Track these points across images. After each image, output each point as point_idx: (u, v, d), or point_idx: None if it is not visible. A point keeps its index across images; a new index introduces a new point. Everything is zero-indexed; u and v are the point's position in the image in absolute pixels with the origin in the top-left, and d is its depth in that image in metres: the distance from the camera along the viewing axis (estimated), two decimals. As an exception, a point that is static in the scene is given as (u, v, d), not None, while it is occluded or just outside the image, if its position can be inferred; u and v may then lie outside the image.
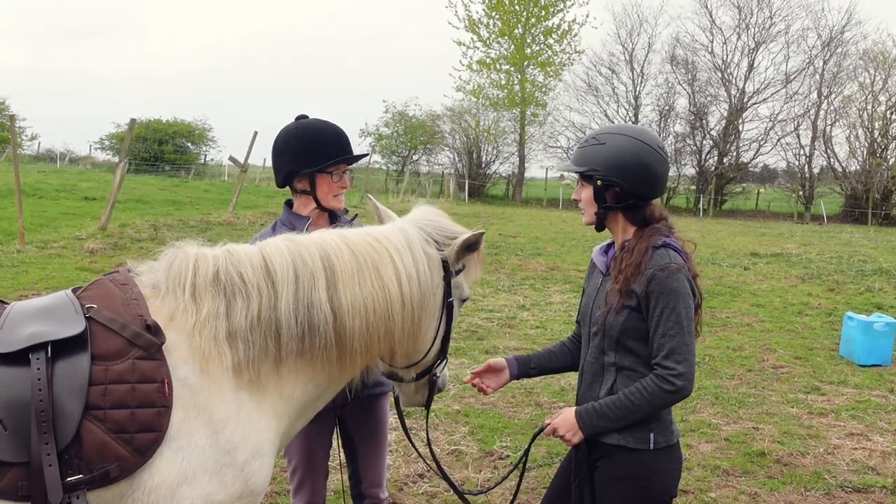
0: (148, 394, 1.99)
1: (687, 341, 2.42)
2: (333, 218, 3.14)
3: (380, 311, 2.30)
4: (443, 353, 2.62)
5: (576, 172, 2.59)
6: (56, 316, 2.06)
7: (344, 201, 3.17)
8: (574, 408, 2.56)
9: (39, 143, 44.45)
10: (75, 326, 2.03)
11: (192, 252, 2.26)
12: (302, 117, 3.14)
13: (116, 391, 1.97)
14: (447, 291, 2.50)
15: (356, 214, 3.27)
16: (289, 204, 3.19)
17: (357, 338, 2.28)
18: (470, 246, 2.49)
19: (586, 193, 2.58)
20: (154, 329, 2.06)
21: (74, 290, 2.22)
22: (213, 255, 2.27)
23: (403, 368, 2.58)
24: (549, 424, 2.60)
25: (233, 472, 2.07)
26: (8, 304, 2.19)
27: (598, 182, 2.52)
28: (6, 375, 1.94)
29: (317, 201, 3.08)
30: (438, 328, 2.52)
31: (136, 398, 1.98)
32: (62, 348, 1.99)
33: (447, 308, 2.51)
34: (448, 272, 2.49)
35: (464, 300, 2.63)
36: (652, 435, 2.50)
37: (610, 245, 2.69)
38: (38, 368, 1.94)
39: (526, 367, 2.86)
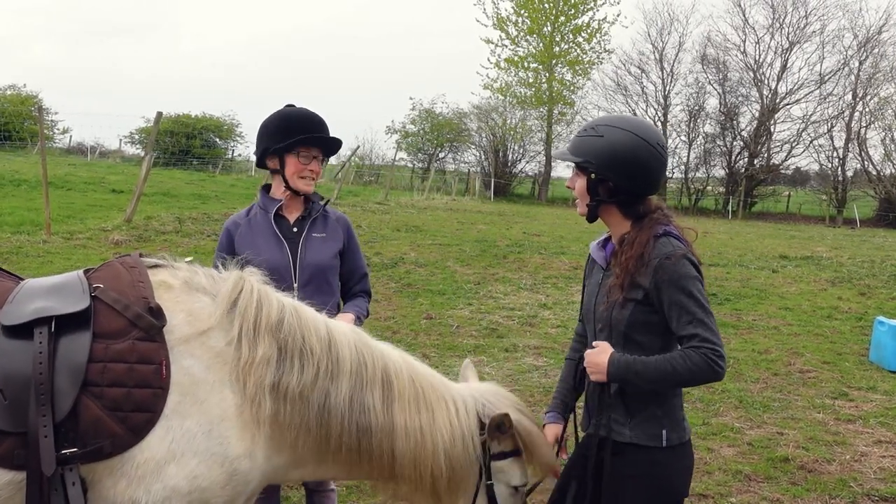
0: (145, 375, 2.02)
1: (714, 321, 2.32)
2: (307, 202, 3.33)
3: (429, 447, 2.28)
4: None
5: (571, 161, 2.52)
6: (64, 293, 2.12)
7: (314, 186, 3.33)
8: (612, 351, 2.40)
9: (71, 136, 45.15)
10: (80, 303, 2.08)
11: (256, 286, 2.27)
12: (289, 106, 3.35)
13: (115, 369, 2.01)
14: (486, 472, 2.43)
15: (328, 200, 3.45)
16: (266, 188, 3.42)
17: (406, 464, 2.27)
18: (499, 426, 2.40)
19: (580, 184, 2.51)
20: (156, 312, 2.09)
21: (86, 271, 2.27)
22: (277, 300, 2.29)
23: None
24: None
25: (221, 461, 2.07)
26: (23, 280, 2.26)
27: (592, 175, 2.46)
28: (10, 347, 1.99)
29: (285, 181, 3.25)
30: None
31: (134, 378, 2.01)
32: (65, 324, 2.04)
33: (488, 492, 2.43)
34: (485, 452, 2.42)
35: (515, 487, 2.48)
36: (664, 432, 2.43)
37: (607, 239, 2.62)
38: (41, 342, 1.99)
39: (567, 408, 2.78)
